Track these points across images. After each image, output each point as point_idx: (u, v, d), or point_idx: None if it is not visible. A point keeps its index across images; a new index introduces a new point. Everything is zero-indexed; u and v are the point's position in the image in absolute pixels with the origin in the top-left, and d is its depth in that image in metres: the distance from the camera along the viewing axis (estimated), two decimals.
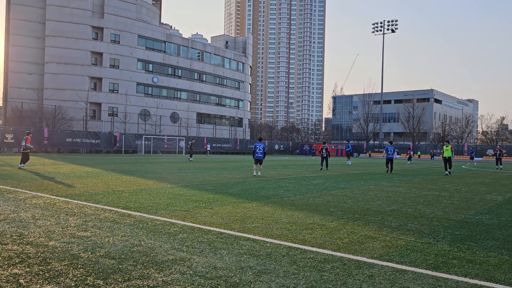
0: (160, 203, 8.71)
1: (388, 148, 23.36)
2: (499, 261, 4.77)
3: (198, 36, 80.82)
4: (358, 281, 3.95)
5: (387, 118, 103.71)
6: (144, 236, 5.60)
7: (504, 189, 14.06)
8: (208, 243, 5.30)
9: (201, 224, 6.50)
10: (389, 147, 23.41)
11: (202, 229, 6.13)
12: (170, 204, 8.52)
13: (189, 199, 9.47)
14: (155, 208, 7.95)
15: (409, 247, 5.32)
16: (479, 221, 7.40)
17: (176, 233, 5.84)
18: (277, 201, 9.51)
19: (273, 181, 14.95)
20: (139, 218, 6.88)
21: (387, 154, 23.24)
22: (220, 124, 75.56)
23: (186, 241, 5.35)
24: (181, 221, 6.70)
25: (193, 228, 6.23)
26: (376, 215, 7.84)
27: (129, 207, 8.06)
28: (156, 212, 7.55)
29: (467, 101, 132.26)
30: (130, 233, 5.76)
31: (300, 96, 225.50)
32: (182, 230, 6.01)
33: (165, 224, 6.42)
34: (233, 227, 6.32)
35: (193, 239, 5.47)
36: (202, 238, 5.55)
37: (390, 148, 23.40)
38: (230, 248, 5.06)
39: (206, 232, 5.97)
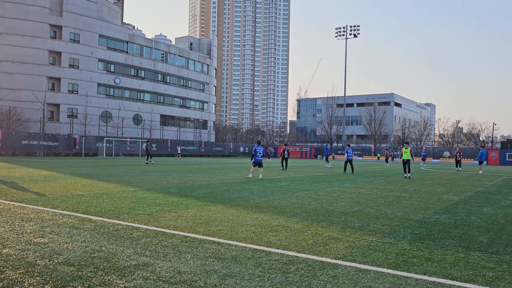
0: (122, 207, 8.49)
1: (347, 151, 24.93)
2: (455, 259, 4.96)
3: (161, 37, 79.72)
4: (322, 282, 3.99)
5: (350, 121, 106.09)
6: (105, 241, 5.44)
7: (460, 189, 14.67)
8: (172, 247, 5.22)
9: (165, 228, 6.39)
10: (348, 150, 24.96)
11: (166, 233, 6.03)
12: (132, 208, 8.33)
13: (152, 202, 9.29)
14: (117, 213, 7.74)
15: (371, 247, 5.44)
16: (437, 221, 7.67)
17: (139, 237, 5.71)
18: (242, 203, 9.50)
19: (238, 183, 14.93)
20: (100, 223, 6.68)
21: (347, 156, 24.74)
22: (185, 126, 74.78)
23: (150, 246, 5.24)
24: (144, 225, 6.56)
25: (157, 232, 6.11)
26: (339, 216, 7.98)
27: (90, 211, 7.82)
28: (118, 216, 7.36)
29: (425, 105, 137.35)
30: (91, 238, 5.58)
31: (265, 99, 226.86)
32: (145, 235, 5.89)
33: (127, 229, 6.27)
34: (197, 231, 6.25)
35: (157, 244, 5.37)
36: (166, 242, 5.45)
37: (349, 150, 24.97)
38: (194, 252, 5.00)
39: (170, 236, 5.87)
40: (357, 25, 73.70)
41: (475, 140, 79.68)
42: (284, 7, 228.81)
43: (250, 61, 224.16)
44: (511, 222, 7.70)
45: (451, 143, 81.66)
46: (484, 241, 6.01)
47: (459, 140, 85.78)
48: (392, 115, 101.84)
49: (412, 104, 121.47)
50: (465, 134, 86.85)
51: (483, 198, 11.78)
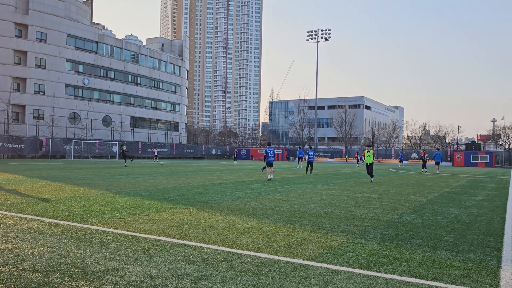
0: (91, 210, 8.29)
1: (309, 153, 26.24)
2: (423, 258, 5.08)
3: (132, 38, 78.49)
4: (294, 283, 4.01)
5: (321, 123, 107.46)
6: (73, 246, 5.28)
7: (427, 190, 15.08)
8: (142, 251, 5.12)
9: (135, 232, 6.27)
10: (310, 152, 26.31)
11: (136, 237, 5.92)
12: (102, 212, 8.14)
13: (122, 206, 9.11)
14: (85, 216, 7.55)
15: (342, 248, 5.51)
16: (405, 221, 7.85)
17: (109, 241, 5.58)
18: (214, 206, 9.44)
19: (210, 186, 14.85)
20: (67, 227, 6.49)
21: (309, 157, 26.08)
22: (156, 128, 73.77)
23: (119, 250, 5.13)
24: (114, 229, 6.42)
25: (127, 236, 5.99)
26: (311, 217, 8.05)
27: (57, 216, 7.58)
28: (86, 220, 7.17)
29: (394, 108, 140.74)
30: (58, 243, 5.41)
31: (238, 101, 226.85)
32: (115, 239, 5.76)
33: (96, 233, 6.11)
34: (169, 234, 6.17)
35: (127, 248, 5.26)
36: (137, 246, 5.35)
37: (310, 152, 26.28)
38: (166, 256, 4.92)
39: (141, 239, 5.77)
40: (328, 29, 74.76)
41: (441, 142, 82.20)
42: (256, 10, 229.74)
43: (222, 63, 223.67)
44: (475, 222, 7.97)
45: (419, 145, 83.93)
46: (450, 240, 6.20)
47: (426, 142, 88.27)
48: (362, 117, 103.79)
49: (382, 107, 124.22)
50: (432, 137, 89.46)
51: (449, 199, 12.15)
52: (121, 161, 32.05)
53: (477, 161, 58.75)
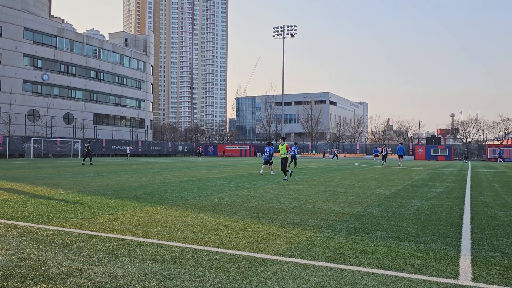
0: (52, 211, 8.01)
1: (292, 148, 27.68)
2: (387, 250, 5.22)
3: (94, 32, 76.30)
4: (263, 279, 4.03)
5: (288, 119, 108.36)
6: (33, 248, 5.09)
7: (391, 183, 15.52)
8: (108, 251, 5.00)
9: (100, 232, 6.11)
10: (293, 147, 27.54)
11: (101, 237, 5.77)
12: (64, 212, 7.88)
13: (86, 205, 8.86)
14: (46, 217, 7.29)
15: (309, 242, 5.58)
16: (370, 214, 8.04)
17: (72, 242, 5.41)
18: (182, 203, 9.34)
19: (177, 183, 14.68)
20: (27, 229, 6.24)
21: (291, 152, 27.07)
22: (120, 125, 72.18)
23: (83, 251, 4.99)
24: (77, 230, 6.23)
25: (91, 236, 5.83)
26: (279, 213, 8.10)
27: (15, 217, 7.28)
28: (48, 221, 6.93)
29: (358, 104, 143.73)
30: (17, 246, 5.20)
31: (204, 97, 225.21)
32: (79, 239, 5.59)
33: (58, 234, 5.91)
34: (135, 233, 6.05)
35: (91, 248, 5.12)
36: (101, 246, 5.22)
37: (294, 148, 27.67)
38: (132, 255, 4.83)
39: (106, 239, 5.63)
40: (294, 25, 75.31)
41: (404, 137, 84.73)
42: (222, 5, 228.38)
43: (188, 59, 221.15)
44: (436, 213, 8.27)
45: (383, 139, 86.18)
46: (413, 231, 6.40)
47: (390, 136, 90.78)
48: (328, 113, 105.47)
49: (347, 103, 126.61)
50: (395, 131, 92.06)
51: (411, 191, 12.55)
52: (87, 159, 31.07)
53: (437, 155, 60.99)
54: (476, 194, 11.91)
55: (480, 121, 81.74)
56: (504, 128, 78.54)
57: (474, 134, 78.91)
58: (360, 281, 3.99)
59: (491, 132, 79.47)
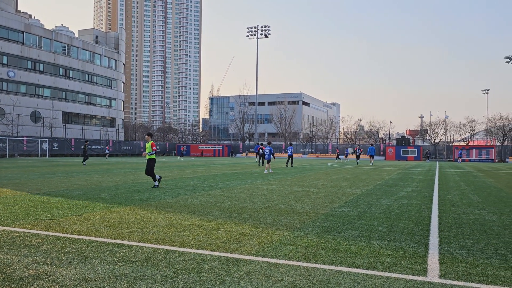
0: (18, 212, 7.74)
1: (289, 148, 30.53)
2: (358, 248, 5.31)
3: (63, 29, 74.38)
4: (236, 279, 4.02)
5: (261, 119, 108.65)
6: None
7: (362, 183, 15.79)
8: (77, 253, 4.88)
9: (68, 233, 5.95)
10: (289, 147, 30.61)
11: (69, 239, 5.62)
12: (31, 213, 7.64)
13: (54, 206, 8.61)
14: (12, 219, 7.04)
15: (282, 242, 5.61)
16: (342, 213, 8.16)
17: (39, 244, 5.24)
18: (154, 204, 9.21)
19: (149, 183, 14.47)
20: None
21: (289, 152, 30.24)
22: (90, 124, 70.58)
23: (51, 253, 4.84)
24: (45, 231, 6.05)
25: (59, 238, 5.67)
26: (252, 212, 8.11)
27: None
28: (13, 223, 6.69)
29: (331, 104, 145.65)
30: None
31: (177, 96, 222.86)
32: (46, 241, 5.43)
33: (24, 236, 5.72)
34: (105, 234, 5.92)
35: (59, 250, 4.98)
36: (70, 248, 5.08)
37: (290, 148, 30.53)
38: (102, 257, 4.72)
39: (75, 241, 5.48)
40: (268, 26, 75.58)
41: (375, 137, 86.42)
42: (195, 3, 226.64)
43: (161, 57, 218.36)
44: (405, 212, 8.47)
45: (354, 140, 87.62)
46: (383, 230, 6.53)
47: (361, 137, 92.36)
48: (301, 113, 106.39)
49: (320, 103, 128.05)
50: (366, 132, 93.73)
51: (382, 191, 12.80)
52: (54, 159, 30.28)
53: (407, 155, 62.51)
54: (444, 194, 12.27)
55: (448, 122, 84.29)
56: (470, 130, 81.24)
57: (442, 135, 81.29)
58: (332, 279, 4.04)
59: (458, 133, 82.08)
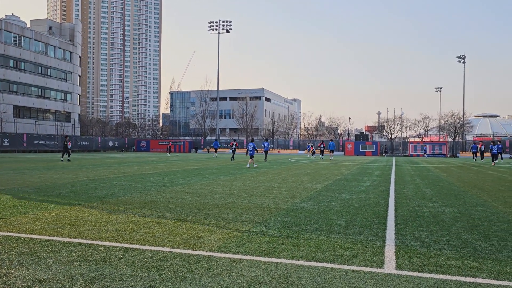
0: None
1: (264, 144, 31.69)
2: (319, 242, 5.40)
3: (14, 18, 70.75)
4: (197, 275, 3.98)
5: (223, 115, 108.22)
6: None
7: (322, 178, 16.08)
8: (29, 253, 4.66)
9: (20, 233, 5.68)
10: (265, 143, 31.76)
11: (21, 238, 5.36)
12: None
13: (4, 204, 8.20)
14: None
15: (244, 237, 5.61)
16: (303, 208, 8.27)
17: None
18: (112, 201, 8.97)
19: (107, 180, 14.08)
20: None
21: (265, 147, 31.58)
22: (44, 119, 67.67)
23: (1, 254, 4.61)
24: None
25: (10, 237, 5.40)
26: (213, 208, 8.07)
27: None
28: None
29: (292, 100, 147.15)
30: None
31: (136, 91, 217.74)
32: None
33: None
34: (60, 233, 5.70)
35: (10, 251, 4.74)
36: (22, 248, 4.85)
37: (266, 143, 31.75)
38: (57, 256, 4.54)
39: (27, 241, 5.24)
40: (229, 21, 75.21)
41: (335, 133, 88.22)
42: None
43: (119, 50, 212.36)
44: (364, 206, 8.70)
45: (315, 135, 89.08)
46: (343, 224, 6.68)
47: (322, 133, 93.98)
48: (262, 109, 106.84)
49: (281, 99, 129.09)
50: (326, 128, 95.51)
51: (341, 185, 13.09)
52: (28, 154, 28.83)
53: (365, 150, 64.27)
54: (400, 188, 12.72)
55: (404, 119, 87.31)
56: (424, 126, 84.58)
57: (398, 131, 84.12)
58: (293, 273, 4.09)
59: (413, 129, 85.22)
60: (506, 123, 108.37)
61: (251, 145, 24.14)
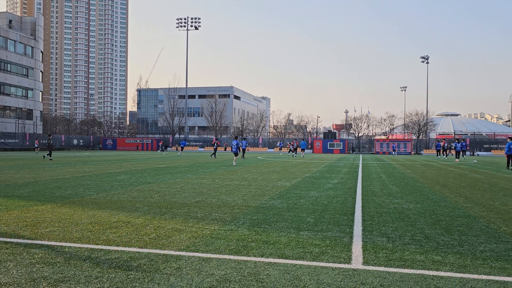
0: None
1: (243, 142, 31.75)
2: (288, 239, 5.44)
3: None
4: (165, 275, 3.92)
5: (192, 113, 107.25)
6: None
7: (291, 176, 16.21)
8: None
9: None
10: (243, 142, 31.91)
11: None
12: None
13: None
14: None
15: (213, 236, 5.58)
16: (272, 206, 8.31)
17: None
18: (77, 200, 8.72)
19: (71, 179, 13.67)
20: None
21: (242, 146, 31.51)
22: (4, 116, 64.96)
23: None
24: None
25: None
26: (182, 207, 7.98)
27: None
28: None
29: (261, 98, 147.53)
30: None
31: (102, 88, 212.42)
32: None
33: None
34: (22, 235, 5.49)
35: None
36: None
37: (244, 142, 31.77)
38: (18, 259, 4.37)
39: None
40: (198, 18, 74.52)
41: (304, 131, 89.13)
42: None
43: (84, 46, 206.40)
44: (332, 203, 8.83)
45: (284, 134, 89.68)
46: (311, 221, 6.75)
47: (290, 131, 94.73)
48: (232, 107, 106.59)
49: (250, 97, 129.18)
50: (295, 126, 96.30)
51: (310, 183, 13.24)
52: None
53: (333, 148, 65.29)
54: (367, 185, 12.99)
55: (370, 117, 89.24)
56: (390, 124, 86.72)
57: (365, 129, 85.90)
58: (262, 271, 4.10)
59: (379, 128, 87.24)
60: (467, 121, 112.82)
61: (234, 142, 25.05)
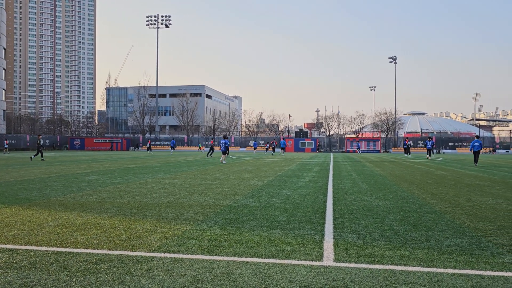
0: None
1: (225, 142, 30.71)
2: (260, 238, 5.44)
3: None
4: (136, 277, 3.86)
5: (163, 112, 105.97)
6: None
7: (263, 174, 16.26)
8: None
9: None
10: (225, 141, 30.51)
11: None
12: None
13: None
14: None
15: (185, 236, 5.52)
16: (245, 205, 8.31)
17: None
18: (43, 202, 8.45)
19: (37, 180, 13.24)
20: None
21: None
22: None
23: None
24: None
25: None
26: (153, 208, 7.87)
27: None
28: None
29: (233, 97, 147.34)
30: None
31: (69, 86, 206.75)
32: None
33: None
34: None
35: None
36: None
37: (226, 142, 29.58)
38: None
39: None
40: (169, 15, 73.67)
41: (275, 130, 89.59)
42: None
43: (49, 43, 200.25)
44: (304, 201, 8.91)
45: (256, 133, 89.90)
46: (284, 219, 6.79)
47: (262, 130, 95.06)
48: (203, 106, 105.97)
49: (222, 96, 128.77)
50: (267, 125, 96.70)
51: (282, 182, 13.32)
52: None
53: (305, 147, 65.95)
54: (337, 182, 13.18)
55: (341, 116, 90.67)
56: (359, 123, 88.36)
57: (336, 128, 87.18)
58: (235, 270, 4.09)
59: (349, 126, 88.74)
60: (433, 120, 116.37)
61: (223, 142, 25.91)
